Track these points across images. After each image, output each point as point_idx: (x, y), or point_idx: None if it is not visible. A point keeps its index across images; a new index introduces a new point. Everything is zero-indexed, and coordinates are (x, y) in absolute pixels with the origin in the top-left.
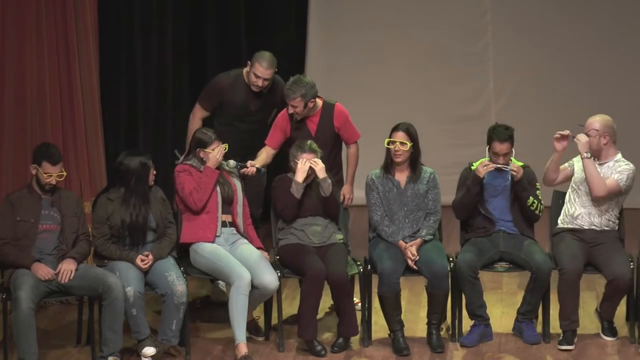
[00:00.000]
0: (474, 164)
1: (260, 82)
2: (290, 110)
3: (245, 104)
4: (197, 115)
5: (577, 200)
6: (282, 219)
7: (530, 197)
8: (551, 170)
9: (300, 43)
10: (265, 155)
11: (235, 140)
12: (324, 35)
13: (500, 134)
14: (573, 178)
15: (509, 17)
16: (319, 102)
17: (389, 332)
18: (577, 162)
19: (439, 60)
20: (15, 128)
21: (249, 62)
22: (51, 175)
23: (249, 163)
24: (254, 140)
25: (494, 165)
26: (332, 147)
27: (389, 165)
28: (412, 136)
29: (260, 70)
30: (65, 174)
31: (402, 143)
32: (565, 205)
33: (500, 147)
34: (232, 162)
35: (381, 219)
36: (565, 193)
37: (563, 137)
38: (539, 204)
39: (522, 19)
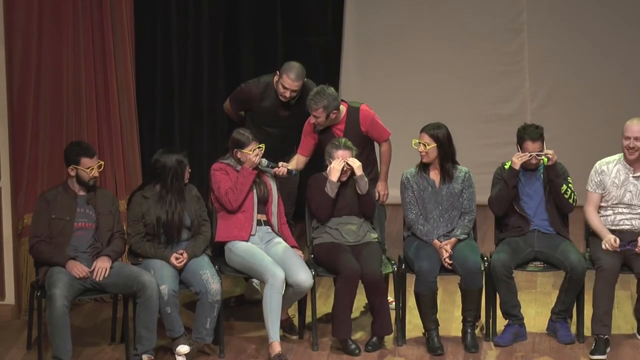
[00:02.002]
0: (506, 163)
1: (287, 94)
2: (313, 121)
3: (275, 112)
4: (229, 109)
5: (619, 207)
6: (317, 218)
7: (564, 185)
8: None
9: (335, 44)
10: (296, 162)
11: (266, 144)
12: (359, 35)
13: (531, 133)
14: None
15: (545, 16)
16: (343, 108)
17: (423, 331)
18: (606, 176)
19: (475, 59)
20: (51, 125)
21: (278, 72)
22: (93, 168)
23: (280, 163)
24: (284, 143)
25: (528, 155)
26: (363, 148)
27: (424, 165)
28: (437, 137)
29: (288, 82)
30: (103, 162)
31: (425, 144)
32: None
33: (532, 146)
34: (263, 161)
35: (416, 218)
36: None
37: None
38: (573, 194)
39: (558, 18)
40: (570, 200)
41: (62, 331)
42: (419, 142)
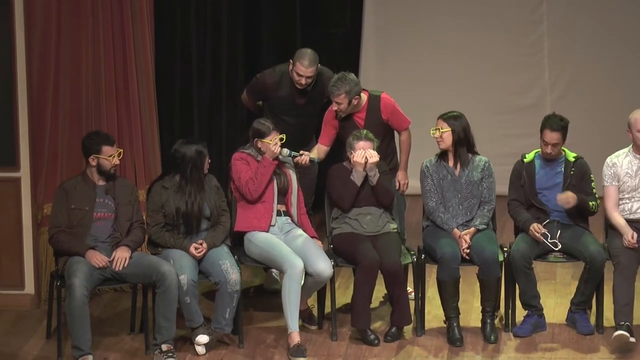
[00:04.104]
0: (526, 155)
1: (303, 81)
2: (335, 107)
3: (291, 100)
4: (246, 100)
5: (635, 195)
6: (339, 208)
7: (591, 202)
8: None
9: (354, 34)
10: (317, 151)
11: (284, 133)
12: (378, 26)
13: (553, 123)
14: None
15: (564, 7)
16: (364, 96)
17: (444, 319)
18: (618, 167)
19: (494, 49)
20: (70, 116)
21: (291, 61)
22: (114, 156)
23: (302, 152)
24: (302, 132)
25: (540, 235)
26: (384, 137)
27: (443, 153)
28: (451, 123)
29: (302, 69)
30: (122, 150)
31: (439, 129)
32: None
33: (550, 135)
34: (285, 151)
35: (436, 206)
36: None
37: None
38: (596, 202)
39: (577, 8)
40: (594, 210)
41: (82, 321)
42: (435, 129)
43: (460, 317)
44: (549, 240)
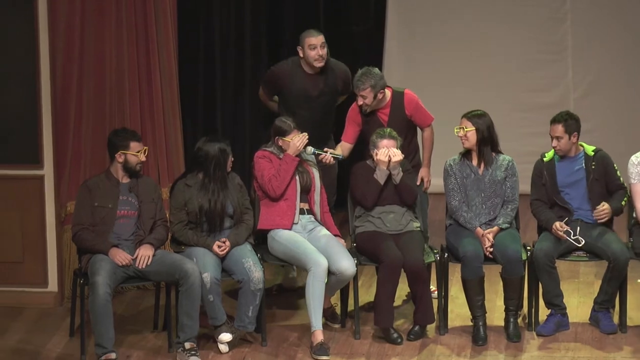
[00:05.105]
0: (546, 154)
1: (319, 51)
2: (360, 102)
3: (305, 90)
4: (263, 96)
5: None
6: (362, 206)
7: (623, 202)
8: None
9: (378, 31)
10: (341, 149)
11: (300, 129)
12: (402, 23)
13: (557, 116)
14: None
15: (588, 5)
16: (388, 92)
17: (471, 318)
18: None
19: (518, 47)
20: (94, 113)
21: (300, 46)
22: (141, 152)
23: (326, 149)
24: (319, 128)
25: (563, 233)
26: (407, 133)
27: (466, 152)
28: (475, 121)
29: (313, 40)
30: (147, 147)
31: (463, 128)
32: None
33: (552, 128)
34: (309, 149)
35: (459, 205)
36: None
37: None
38: (626, 193)
39: (601, 6)
40: (626, 203)
41: (105, 319)
42: (460, 128)
43: (486, 315)
44: (572, 237)
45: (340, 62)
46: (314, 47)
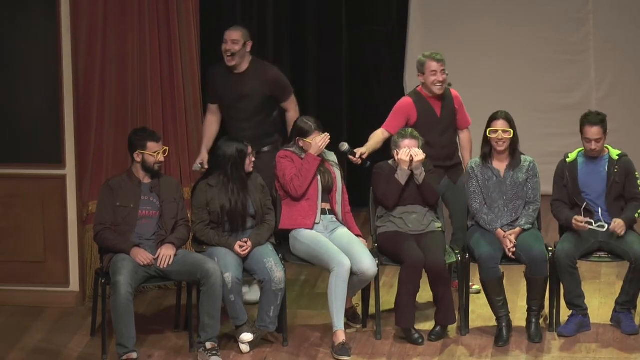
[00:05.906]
0: (569, 155)
1: (228, 46)
2: (441, 78)
3: (230, 89)
4: (208, 110)
5: None
6: (384, 206)
7: (637, 214)
8: None
9: (400, 32)
10: (377, 140)
11: (236, 133)
12: (424, 23)
13: (592, 118)
14: None
15: (610, 6)
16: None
17: (495, 318)
18: None
19: (539, 47)
20: (116, 113)
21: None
22: (159, 153)
23: (358, 152)
24: (252, 130)
25: (585, 224)
26: (454, 130)
27: (487, 154)
28: (512, 123)
29: (226, 34)
30: (167, 148)
31: (504, 131)
32: None
33: (591, 131)
34: (345, 145)
35: (480, 207)
36: None
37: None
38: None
39: (624, 7)
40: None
41: (126, 318)
42: (497, 130)
43: (510, 315)
44: (594, 225)
45: (273, 67)
46: (225, 41)
